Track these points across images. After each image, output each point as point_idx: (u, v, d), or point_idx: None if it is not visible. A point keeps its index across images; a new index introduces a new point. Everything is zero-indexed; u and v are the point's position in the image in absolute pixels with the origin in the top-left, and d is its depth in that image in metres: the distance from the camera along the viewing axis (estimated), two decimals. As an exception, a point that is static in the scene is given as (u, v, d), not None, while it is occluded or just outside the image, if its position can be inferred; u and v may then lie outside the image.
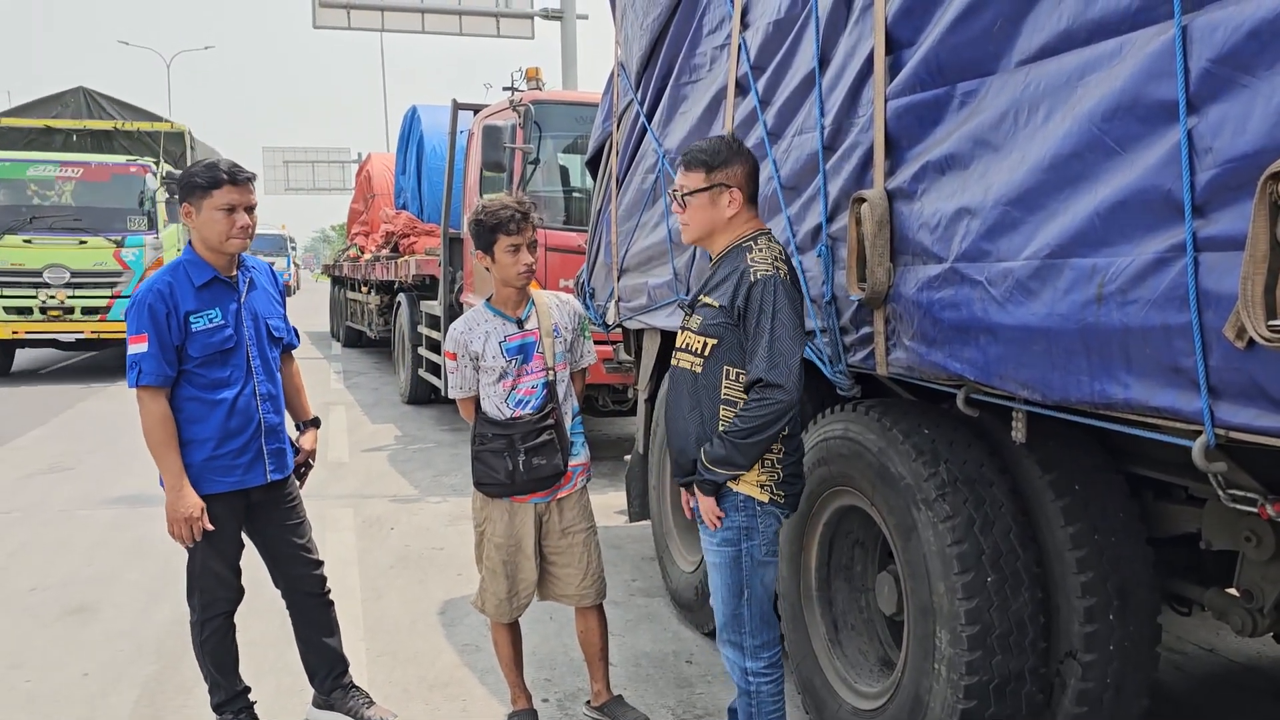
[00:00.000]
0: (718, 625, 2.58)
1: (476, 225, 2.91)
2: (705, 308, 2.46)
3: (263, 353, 2.94)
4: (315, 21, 15.48)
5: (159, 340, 2.75)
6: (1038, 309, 1.89)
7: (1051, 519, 2.39)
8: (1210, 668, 3.67)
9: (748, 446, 2.34)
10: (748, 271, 2.37)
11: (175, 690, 3.50)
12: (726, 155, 2.47)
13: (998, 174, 2.01)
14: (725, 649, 2.58)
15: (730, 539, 2.46)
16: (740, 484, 2.43)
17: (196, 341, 2.80)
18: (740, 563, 2.47)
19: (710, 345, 2.44)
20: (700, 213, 2.49)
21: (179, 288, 2.80)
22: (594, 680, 3.24)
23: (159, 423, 2.79)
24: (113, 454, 7.72)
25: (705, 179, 2.46)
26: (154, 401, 2.79)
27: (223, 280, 2.87)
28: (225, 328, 2.84)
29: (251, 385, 2.91)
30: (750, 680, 2.53)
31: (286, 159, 40.72)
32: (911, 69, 2.29)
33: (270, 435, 2.95)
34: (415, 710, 3.33)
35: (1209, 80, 1.53)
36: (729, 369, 2.41)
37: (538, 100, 7.21)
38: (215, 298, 2.85)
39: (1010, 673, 2.34)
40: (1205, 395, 1.57)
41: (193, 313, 2.80)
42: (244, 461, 2.89)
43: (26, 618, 4.22)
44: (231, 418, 2.86)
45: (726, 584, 2.50)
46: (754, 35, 3.09)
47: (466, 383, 3.02)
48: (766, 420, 2.30)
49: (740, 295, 2.36)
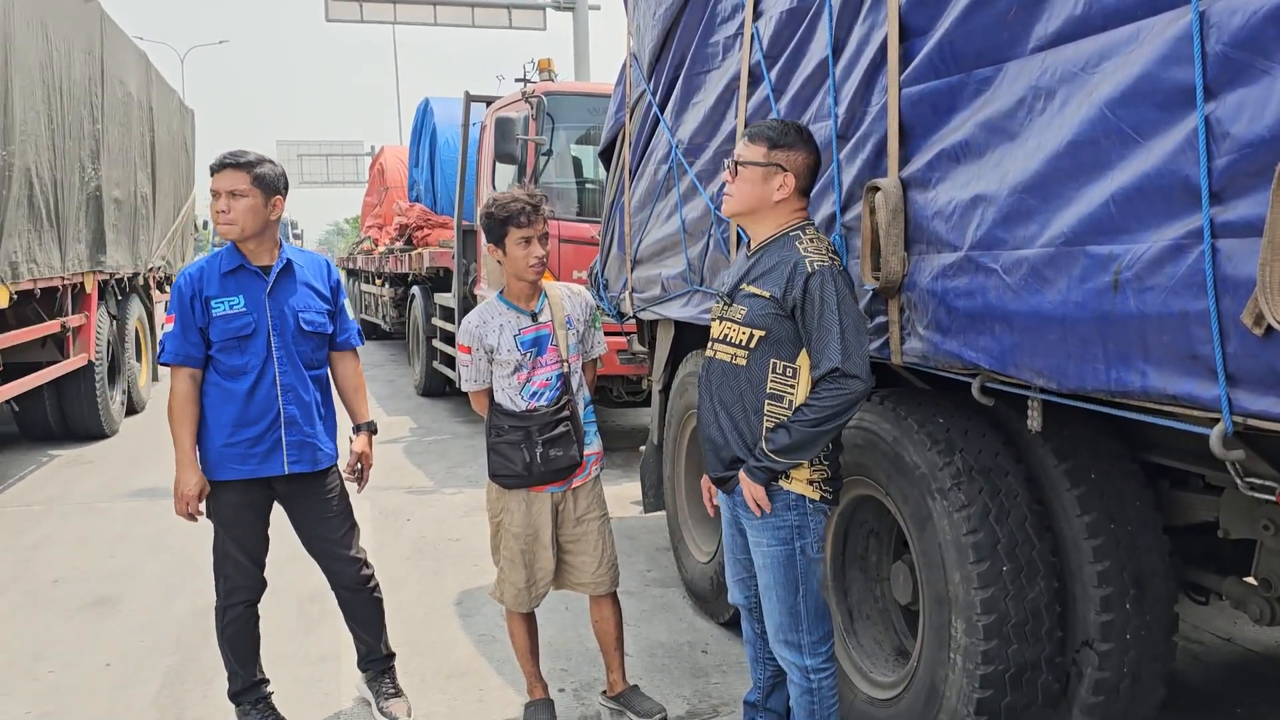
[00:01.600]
0: (771, 627, 2.51)
1: (487, 218, 2.92)
2: (753, 298, 2.38)
3: (287, 343, 2.91)
4: (328, 15, 15.53)
5: (182, 321, 2.84)
6: (1053, 297, 1.88)
7: (1067, 508, 2.38)
8: (1228, 657, 3.65)
9: (817, 435, 2.29)
10: (802, 262, 2.30)
11: (195, 681, 3.53)
12: (793, 139, 2.40)
13: (1013, 161, 2.00)
14: (782, 650, 2.51)
15: (784, 538, 2.41)
16: (792, 483, 2.38)
17: (215, 326, 2.84)
18: (795, 561, 2.42)
19: (757, 337, 2.37)
20: (749, 187, 2.41)
21: (208, 273, 2.88)
22: (610, 670, 3.25)
23: (176, 400, 2.87)
24: (131, 448, 7.80)
25: (765, 155, 2.39)
26: (176, 379, 2.88)
27: (249, 269, 2.90)
28: (245, 315, 2.86)
29: (272, 375, 2.89)
30: (811, 678, 2.48)
31: (300, 152, 40.85)
32: (925, 56, 2.27)
33: (291, 427, 2.93)
34: (432, 700, 3.36)
35: (1227, 65, 1.52)
36: (775, 362, 2.35)
37: (550, 91, 7.20)
38: (240, 285, 2.88)
39: (1026, 662, 2.33)
40: (1223, 382, 1.56)
41: (214, 298, 2.85)
42: (260, 451, 2.90)
43: (49, 610, 4.27)
44: (249, 406, 2.87)
45: (781, 582, 2.44)
46: (766, 24, 3.07)
47: (480, 376, 3.01)
48: (840, 409, 2.25)
49: (796, 287, 2.29)
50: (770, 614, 2.50)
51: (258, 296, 2.89)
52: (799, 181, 2.41)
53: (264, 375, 2.88)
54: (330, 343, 3.09)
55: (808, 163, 2.42)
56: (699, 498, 4.29)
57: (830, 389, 2.25)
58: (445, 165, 10.51)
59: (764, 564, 2.47)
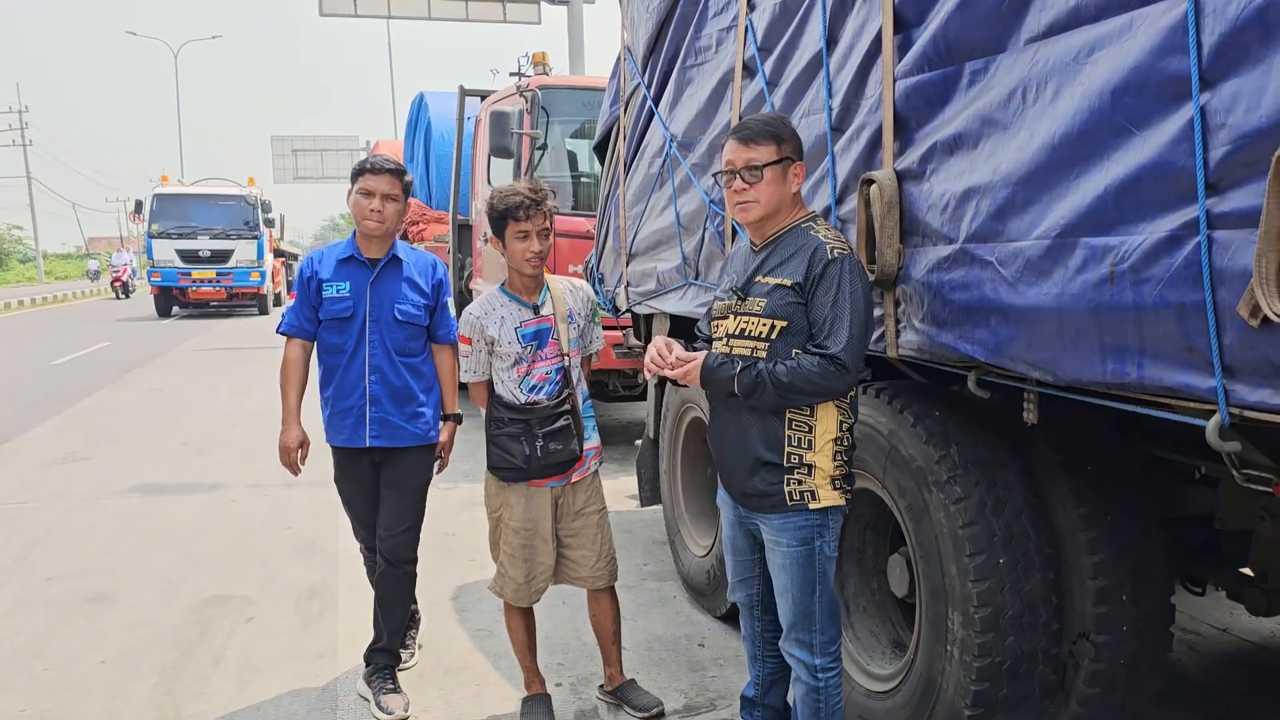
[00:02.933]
0: (785, 624, 2.49)
1: (490, 210, 2.94)
2: (775, 289, 2.31)
3: (381, 330, 3.20)
4: (322, 9, 15.47)
5: (300, 298, 3.24)
6: (1049, 289, 1.87)
7: (1064, 500, 2.38)
8: (1224, 648, 3.66)
9: (777, 398, 2.26)
10: (822, 248, 2.26)
11: (193, 678, 3.53)
12: (788, 128, 2.36)
13: (1007, 153, 1.99)
14: (793, 649, 2.48)
15: (805, 538, 2.38)
16: (821, 498, 2.34)
17: (323, 306, 3.21)
18: (814, 560, 2.39)
19: (779, 328, 2.30)
20: (773, 188, 2.32)
21: (326, 259, 3.26)
22: (607, 664, 3.25)
23: (284, 365, 3.28)
24: (128, 444, 7.79)
25: (777, 151, 2.31)
26: (288, 347, 3.28)
27: (359, 259, 3.22)
28: (346, 300, 3.19)
29: (363, 355, 3.20)
30: (819, 677, 2.46)
31: (295, 147, 40.68)
32: (919, 48, 2.26)
33: (375, 404, 3.21)
34: (430, 695, 3.36)
35: (1222, 55, 1.51)
36: (797, 352, 2.29)
37: (545, 85, 7.18)
38: (349, 273, 3.21)
39: (1023, 654, 2.33)
40: (1219, 374, 1.56)
41: (326, 281, 3.21)
42: (349, 424, 3.23)
43: (47, 607, 4.26)
44: (343, 381, 3.22)
45: (798, 582, 2.41)
46: (761, 16, 3.06)
47: (479, 367, 3.02)
48: (818, 390, 2.23)
49: (815, 269, 2.25)
50: (785, 613, 2.48)
51: (361, 285, 3.20)
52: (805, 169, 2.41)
53: (356, 355, 3.20)
54: (431, 335, 3.34)
55: (802, 149, 2.42)
56: (696, 492, 4.29)
57: (819, 366, 2.22)
58: (440, 160, 10.48)
59: (783, 564, 2.43)
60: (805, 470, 2.34)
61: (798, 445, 2.33)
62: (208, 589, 4.43)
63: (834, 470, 2.35)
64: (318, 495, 6.05)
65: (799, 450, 2.33)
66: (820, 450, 2.33)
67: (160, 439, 8.00)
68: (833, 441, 2.34)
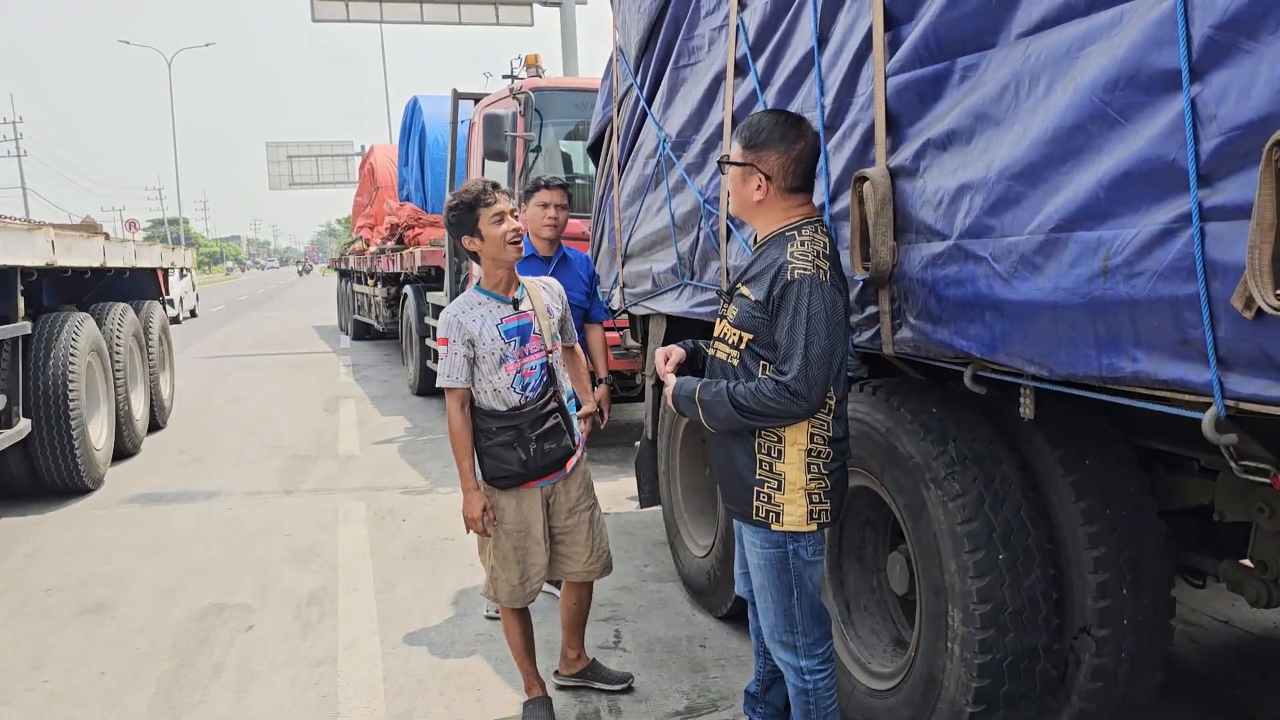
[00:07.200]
0: (766, 627, 2.48)
1: (453, 214, 2.92)
2: (742, 299, 2.32)
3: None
4: (314, 15, 15.44)
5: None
6: (1043, 284, 1.87)
7: (1062, 495, 2.38)
8: (1225, 640, 3.66)
9: (733, 420, 2.27)
10: (785, 267, 2.21)
11: (191, 687, 3.52)
12: (766, 138, 2.28)
13: (999, 149, 1.99)
14: (777, 650, 2.48)
15: (777, 542, 2.36)
16: (786, 520, 2.31)
17: None
18: (788, 564, 2.37)
19: (746, 339, 2.31)
20: (734, 186, 2.36)
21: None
22: (571, 647, 3.30)
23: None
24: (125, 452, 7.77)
25: (740, 154, 2.32)
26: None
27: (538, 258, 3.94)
28: None
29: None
30: (806, 679, 2.45)
31: (290, 154, 40.70)
32: (910, 45, 2.26)
33: None
34: (430, 700, 3.35)
35: (1212, 47, 1.51)
36: (765, 364, 2.29)
37: (538, 87, 7.17)
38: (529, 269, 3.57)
39: (1024, 650, 2.33)
40: (1214, 366, 1.55)
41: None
42: None
43: (44, 617, 4.25)
44: None
45: (774, 584, 2.41)
46: (752, 15, 3.06)
47: (455, 370, 2.92)
48: (770, 414, 2.22)
49: (776, 290, 2.21)
50: (764, 614, 2.48)
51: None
52: (778, 181, 2.29)
53: None
54: (587, 316, 4.00)
55: (783, 161, 2.28)
56: (695, 492, 4.29)
57: (775, 393, 2.19)
58: (435, 163, 10.48)
59: (759, 564, 2.43)
60: (775, 484, 2.32)
61: (768, 454, 2.33)
62: (206, 597, 4.41)
63: (808, 484, 2.31)
64: (316, 502, 6.04)
65: (769, 459, 2.32)
66: (790, 461, 2.30)
67: (157, 447, 7.98)
68: (804, 452, 2.30)
